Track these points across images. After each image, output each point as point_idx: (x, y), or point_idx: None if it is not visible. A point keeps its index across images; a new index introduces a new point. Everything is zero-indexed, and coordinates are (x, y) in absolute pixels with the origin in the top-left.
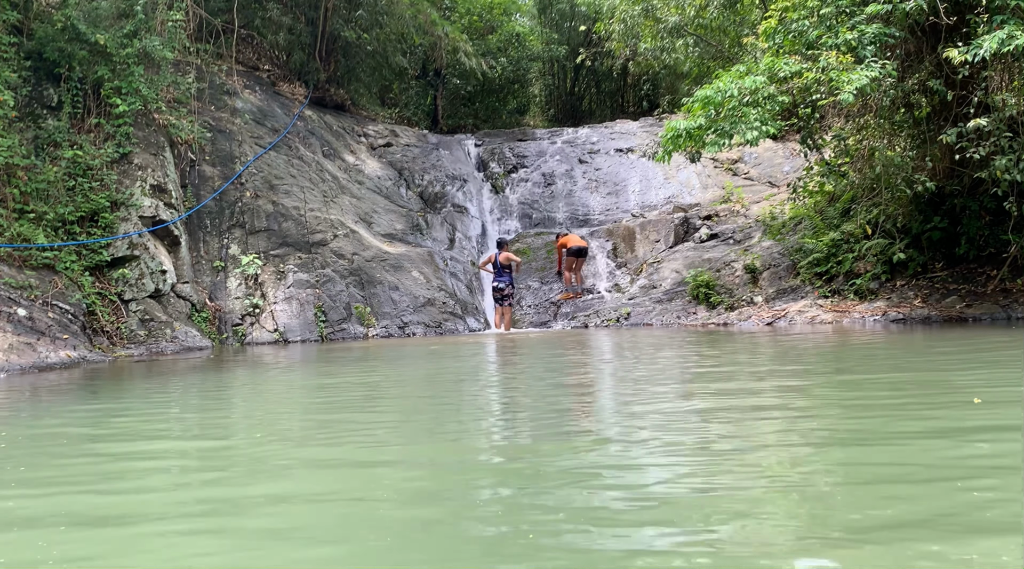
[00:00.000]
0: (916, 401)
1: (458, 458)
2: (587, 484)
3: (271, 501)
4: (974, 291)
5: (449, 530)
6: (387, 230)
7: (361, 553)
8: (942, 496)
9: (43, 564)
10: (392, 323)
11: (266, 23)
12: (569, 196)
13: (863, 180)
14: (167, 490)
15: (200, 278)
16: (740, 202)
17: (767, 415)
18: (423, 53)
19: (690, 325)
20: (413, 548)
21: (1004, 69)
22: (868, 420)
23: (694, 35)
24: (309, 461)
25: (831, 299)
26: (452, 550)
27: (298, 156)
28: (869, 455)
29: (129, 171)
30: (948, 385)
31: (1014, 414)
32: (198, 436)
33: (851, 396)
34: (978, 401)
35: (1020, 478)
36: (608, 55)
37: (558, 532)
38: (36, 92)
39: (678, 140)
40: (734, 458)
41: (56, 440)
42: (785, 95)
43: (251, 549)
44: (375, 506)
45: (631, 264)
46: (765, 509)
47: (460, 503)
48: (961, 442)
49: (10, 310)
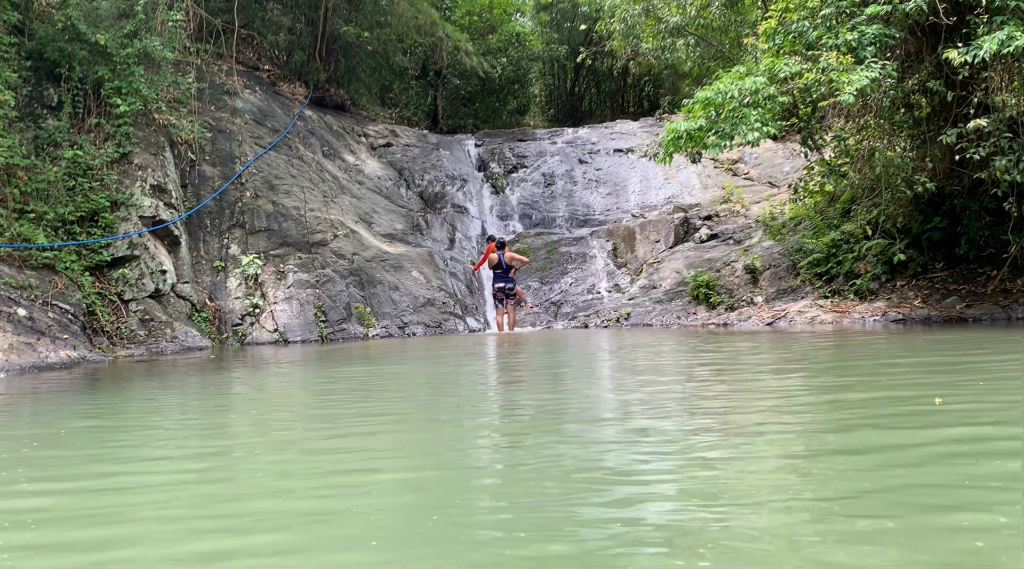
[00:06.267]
0: (915, 402)
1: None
2: (588, 484)
3: (271, 501)
4: (974, 291)
5: (449, 528)
6: (387, 230)
7: (362, 552)
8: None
9: (43, 562)
10: (392, 323)
11: (266, 23)
12: (569, 196)
13: (863, 180)
14: (167, 490)
15: (200, 278)
16: (740, 202)
17: (766, 414)
18: (423, 53)
19: (690, 325)
20: (413, 547)
21: (1004, 70)
22: (868, 421)
23: (695, 35)
24: (309, 460)
25: (831, 299)
26: (452, 549)
27: (298, 156)
28: (870, 455)
29: (129, 171)
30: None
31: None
32: (198, 436)
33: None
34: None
35: (1021, 476)
36: (609, 55)
37: (559, 532)
38: (36, 92)
39: (679, 141)
40: (734, 457)
41: (56, 440)
42: (785, 96)
43: (251, 547)
44: (375, 505)
45: (631, 264)
46: (766, 510)
47: (461, 502)
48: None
49: (10, 310)
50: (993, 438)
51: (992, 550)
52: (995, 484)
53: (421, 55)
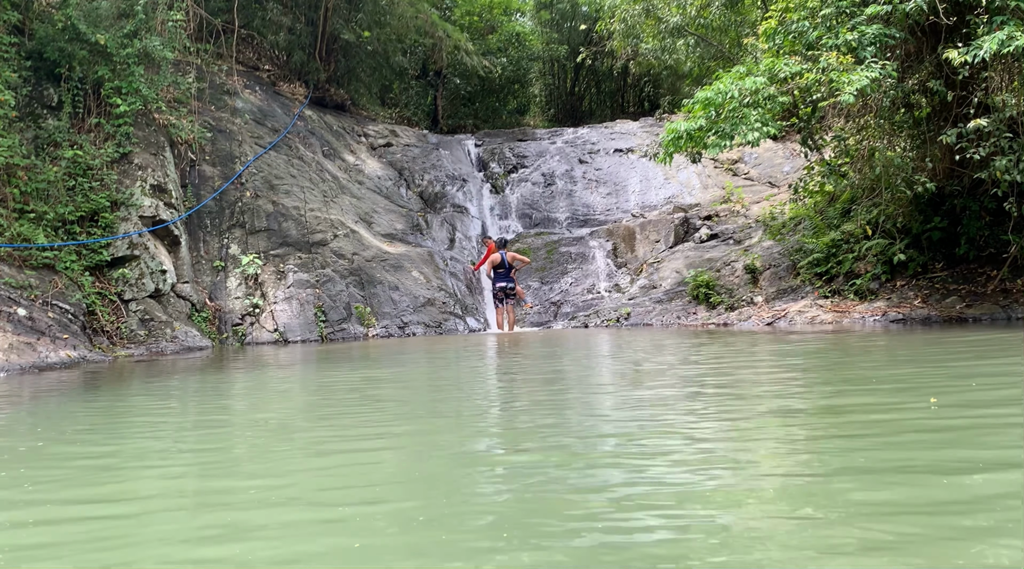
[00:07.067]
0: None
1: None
2: (588, 484)
3: (271, 498)
4: (974, 291)
5: (449, 528)
6: (387, 230)
7: (360, 551)
8: (944, 496)
9: (44, 561)
10: (392, 323)
11: (266, 23)
12: (569, 196)
13: (863, 180)
14: (165, 488)
15: (200, 278)
16: (740, 202)
17: (767, 414)
18: (423, 53)
19: (690, 325)
20: (414, 545)
21: (1004, 70)
22: (867, 417)
23: (695, 35)
24: (308, 459)
25: (831, 299)
26: (452, 547)
27: (298, 156)
28: (869, 456)
29: (129, 171)
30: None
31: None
32: (198, 434)
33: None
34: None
35: (1022, 478)
36: (609, 55)
37: (557, 531)
38: (36, 92)
39: (679, 141)
40: (733, 458)
41: (56, 439)
42: (785, 96)
43: (251, 546)
44: (374, 502)
45: (631, 264)
46: (766, 511)
47: (461, 501)
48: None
49: (10, 310)
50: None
51: (993, 552)
52: (996, 486)
53: (421, 55)
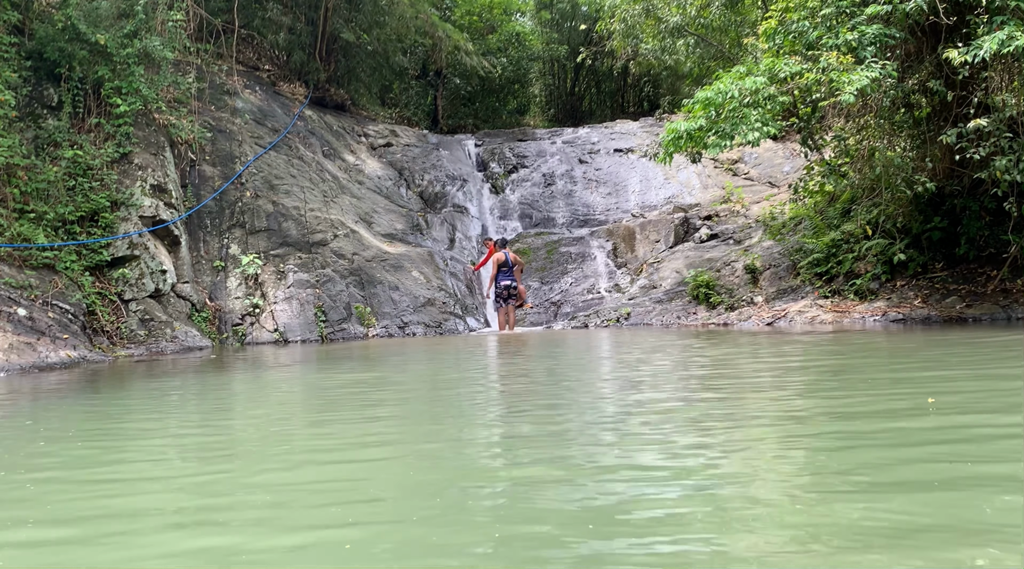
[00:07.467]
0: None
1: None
2: (589, 483)
3: (270, 498)
4: (974, 291)
5: (448, 527)
6: (387, 230)
7: (361, 550)
8: (944, 499)
9: (44, 560)
10: (392, 323)
11: (266, 23)
12: (569, 196)
13: (863, 180)
14: (165, 489)
15: (200, 278)
16: (740, 202)
17: (767, 415)
18: (423, 53)
19: (690, 325)
20: (413, 546)
21: (1004, 70)
22: (866, 419)
23: (695, 35)
24: (309, 457)
25: (831, 299)
26: (452, 546)
27: (298, 156)
28: (870, 454)
29: (129, 171)
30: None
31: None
32: (198, 434)
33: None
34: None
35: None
36: (609, 55)
37: (556, 530)
38: (36, 92)
39: (679, 141)
40: (734, 457)
41: (57, 439)
42: (785, 96)
43: (250, 544)
44: (375, 501)
45: (631, 264)
46: (766, 512)
47: (461, 500)
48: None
49: (10, 310)
50: (992, 431)
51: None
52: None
53: (421, 55)
